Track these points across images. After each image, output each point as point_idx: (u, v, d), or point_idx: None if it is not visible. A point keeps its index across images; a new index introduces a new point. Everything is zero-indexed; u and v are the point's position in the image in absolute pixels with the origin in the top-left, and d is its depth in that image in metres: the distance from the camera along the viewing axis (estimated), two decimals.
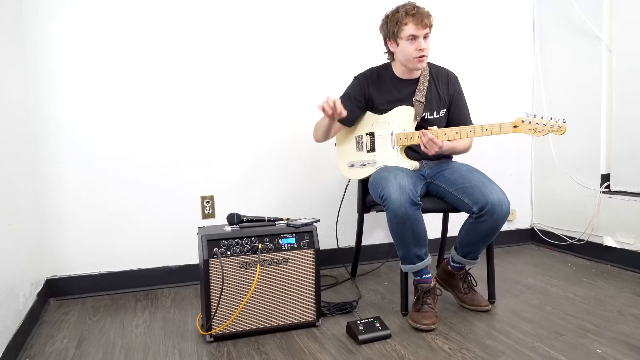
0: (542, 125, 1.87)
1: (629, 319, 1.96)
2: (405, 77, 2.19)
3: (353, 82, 2.26)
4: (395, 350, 1.74)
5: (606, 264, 2.70)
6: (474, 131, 1.98)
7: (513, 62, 3.10)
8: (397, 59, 2.15)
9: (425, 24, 2.03)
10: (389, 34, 2.10)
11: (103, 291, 2.41)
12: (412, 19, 2.01)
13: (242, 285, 1.85)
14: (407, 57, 2.09)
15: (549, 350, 1.71)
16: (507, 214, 1.92)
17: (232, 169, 2.59)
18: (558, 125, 1.85)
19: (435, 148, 1.99)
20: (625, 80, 2.59)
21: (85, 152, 2.36)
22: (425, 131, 2.00)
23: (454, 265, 2.16)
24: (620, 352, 1.68)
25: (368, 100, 2.21)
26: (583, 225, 2.83)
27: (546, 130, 1.87)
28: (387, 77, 2.20)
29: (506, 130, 1.93)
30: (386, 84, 2.19)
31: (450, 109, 2.24)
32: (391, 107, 2.17)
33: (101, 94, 2.37)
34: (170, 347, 1.83)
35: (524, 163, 3.19)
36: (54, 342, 1.90)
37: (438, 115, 2.19)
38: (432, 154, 2.02)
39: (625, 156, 2.62)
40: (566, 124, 1.86)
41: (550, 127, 1.86)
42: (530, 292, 2.30)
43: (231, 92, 2.56)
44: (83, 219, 2.37)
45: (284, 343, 1.83)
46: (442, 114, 2.21)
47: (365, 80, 2.21)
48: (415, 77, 2.19)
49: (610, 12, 2.65)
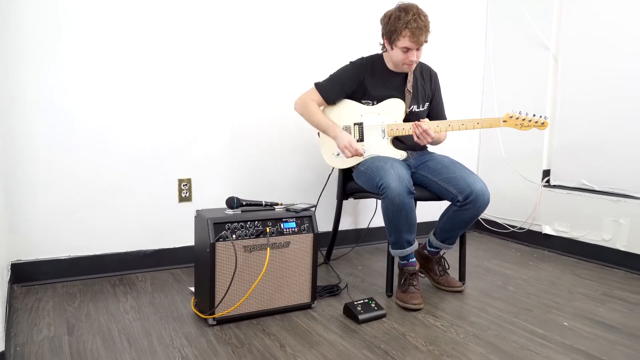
0: (527, 121, 2.09)
1: (579, 296, 2.25)
2: (395, 70, 2.30)
3: (348, 67, 2.32)
4: (395, 328, 1.87)
5: (544, 250, 3.04)
6: (465, 124, 2.15)
7: (464, 63, 3.34)
8: (389, 56, 2.25)
9: (422, 42, 2.10)
10: (386, 34, 2.17)
11: (73, 276, 2.27)
12: (410, 34, 2.07)
13: (246, 268, 1.87)
14: (397, 63, 2.21)
15: (526, 324, 1.93)
16: (487, 202, 2.11)
17: (210, 153, 2.54)
18: (542, 122, 2.08)
19: (428, 139, 2.13)
20: (569, 88, 2.92)
21: (56, 128, 2.20)
22: (419, 123, 2.13)
23: (431, 250, 2.33)
24: (583, 324, 1.94)
25: (360, 87, 2.29)
26: (525, 215, 3.16)
27: (531, 125, 2.09)
28: (380, 68, 2.30)
29: (496, 124, 2.12)
30: (379, 75, 2.29)
31: (431, 103, 2.40)
32: (383, 98, 2.27)
33: (76, 71, 2.21)
34: (172, 331, 1.80)
35: (472, 158, 3.46)
36: (40, 329, 1.78)
37: (423, 108, 2.34)
38: (423, 144, 2.17)
39: (564, 155, 2.97)
40: (548, 120, 2.10)
41: (534, 122, 2.08)
42: (491, 275, 2.54)
43: (211, 76, 2.51)
44: (52, 200, 2.22)
45: (287, 324, 1.88)
46: (425, 107, 2.36)
47: (363, 67, 2.29)
48: (405, 71, 2.31)
49: (558, 24, 2.97)
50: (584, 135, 2.86)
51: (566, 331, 1.87)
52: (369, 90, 2.28)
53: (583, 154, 2.87)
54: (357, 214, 3.01)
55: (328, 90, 2.30)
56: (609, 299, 2.21)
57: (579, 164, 2.90)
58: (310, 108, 2.31)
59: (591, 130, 2.82)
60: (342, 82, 2.29)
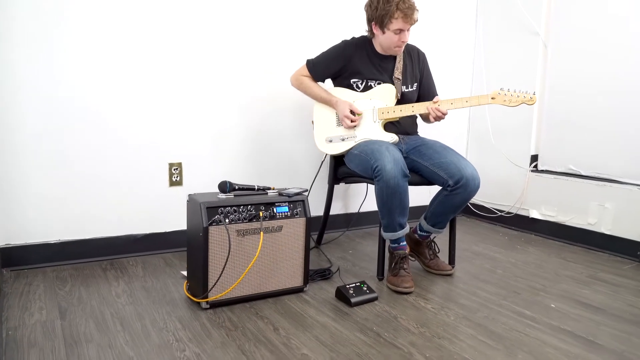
0: (515, 96, 2.12)
1: (565, 279, 2.30)
2: (384, 54, 2.31)
3: (338, 45, 2.35)
4: (386, 311, 1.89)
5: (531, 234, 3.09)
6: (455, 103, 2.18)
7: (455, 47, 3.34)
8: (378, 41, 2.27)
9: (413, 20, 2.16)
10: (376, 19, 2.18)
11: (63, 260, 2.26)
12: (402, 15, 2.11)
13: (240, 252, 1.87)
14: (389, 45, 2.23)
15: (515, 307, 1.97)
16: (478, 187, 2.13)
17: (201, 137, 2.53)
18: (529, 96, 2.11)
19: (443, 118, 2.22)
20: (557, 74, 2.95)
21: (45, 107, 2.16)
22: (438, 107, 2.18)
23: (422, 234, 2.35)
24: (569, 306, 1.99)
25: (348, 64, 2.31)
26: (512, 200, 3.20)
27: (519, 101, 2.12)
28: (370, 50, 2.33)
29: (484, 101, 2.15)
30: (369, 56, 2.32)
31: (421, 84, 2.43)
32: (373, 78, 2.30)
33: (66, 57, 2.17)
34: (165, 314, 1.80)
35: (461, 144, 3.49)
36: (32, 313, 1.77)
37: (412, 89, 2.37)
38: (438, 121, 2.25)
39: (551, 140, 3.00)
40: (536, 95, 2.13)
41: (523, 97, 2.12)
42: (480, 258, 2.58)
43: (203, 60, 2.48)
44: (42, 183, 2.19)
45: (279, 308, 1.89)
46: (414, 87, 2.39)
47: (353, 46, 2.33)
48: (395, 54, 2.32)
49: (548, 10, 2.98)
50: (571, 121, 2.89)
51: (553, 312, 1.92)
52: (360, 68, 2.30)
53: (570, 139, 2.90)
54: (347, 199, 3.02)
55: (313, 68, 2.37)
56: (594, 281, 2.27)
57: (566, 149, 2.93)
58: (305, 83, 2.37)
59: (579, 116, 2.85)
60: (328, 61, 2.35)
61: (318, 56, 2.37)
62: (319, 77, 2.38)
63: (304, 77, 2.37)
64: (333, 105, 2.31)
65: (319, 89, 2.35)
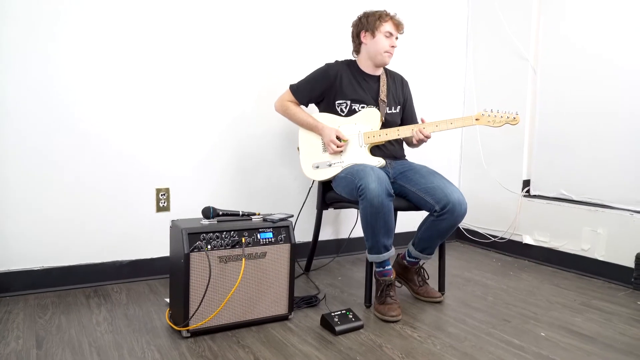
0: (499, 117, 2.15)
1: (557, 306, 2.25)
2: (369, 72, 2.36)
3: (321, 68, 2.38)
4: (371, 340, 1.85)
5: (524, 260, 3.05)
6: (439, 125, 2.19)
7: (446, 73, 3.36)
8: (366, 52, 2.33)
9: (401, 29, 2.33)
10: (367, 26, 2.29)
11: (46, 288, 2.23)
12: (392, 20, 2.30)
13: (221, 279, 1.84)
14: (379, 50, 2.29)
15: (503, 335, 1.92)
16: (465, 212, 2.11)
17: (188, 162, 2.52)
18: (513, 117, 2.14)
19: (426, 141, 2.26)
20: (547, 99, 2.96)
21: (30, 134, 2.17)
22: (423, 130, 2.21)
23: (410, 260, 2.32)
24: (560, 334, 1.94)
25: (332, 87, 2.33)
26: (505, 225, 3.17)
27: (502, 121, 2.16)
28: (355, 70, 2.37)
29: (469, 122, 2.17)
30: (354, 76, 2.35)
31: (404, 109, 2.47)
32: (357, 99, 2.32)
33: (51, 77, 2.19)
34: (144, 343, 1.76)
35: (453, 169, 3.48)
36: (8, 342, 1.74)
37: (396, 111, 2.41)
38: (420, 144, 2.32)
39: (543, 165, 2.99)
40: (519, 115, 2.16)
41: (507, 118, 2.14)
42: (471, 285, 2.54)
43: (191, 86, 2.50)
44: (25, 208, 2.17)
45: (262, 336, 1.85)
46: (398, 110, 2.42)
47: (336, 67, 2.36)
48: (378, 74, 2.38)
49: (536, 36, 3.01)
50: (562, 145, 2.88)
51: (543, 342, 1.87)
52: (344, 89, 2.33)
53: (562, 164, 2.89)
54: (338, 224, 3.00)
55: (297, 91, 2.38)
56: (587, 309, 2.22)
57: (558, 174, 2.92)
58: (290, 109, 2.37)
59: (570, 141, 2.84)
60: (312, 83, 2.37)
61: (301, 80, 2.39)
62: (304, 100, 2.39)
63: (289, 102, 2.38)
64: (319, 131, 2.31)
65: (304, 115, 2.35)
